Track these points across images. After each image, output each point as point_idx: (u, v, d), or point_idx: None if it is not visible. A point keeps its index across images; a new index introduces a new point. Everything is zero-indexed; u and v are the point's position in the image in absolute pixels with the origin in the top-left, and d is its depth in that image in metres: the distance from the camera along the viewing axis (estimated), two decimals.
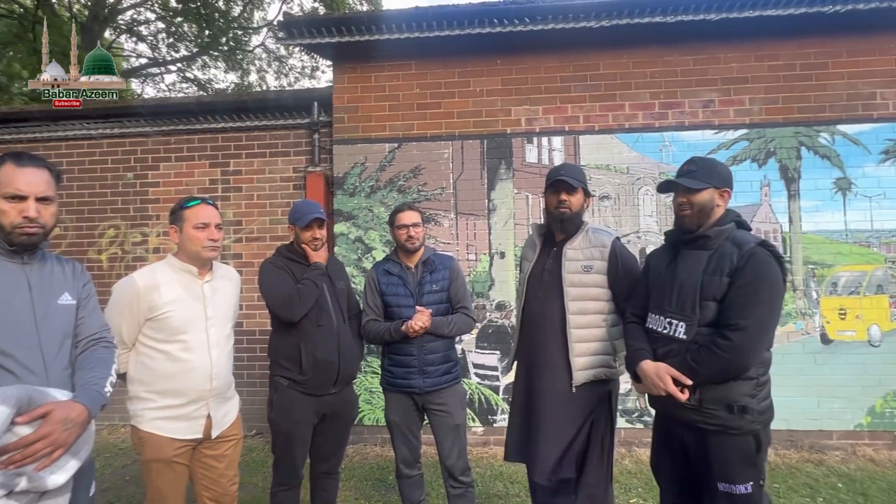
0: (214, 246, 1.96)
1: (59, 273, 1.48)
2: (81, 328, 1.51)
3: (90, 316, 1.53)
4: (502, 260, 4.16)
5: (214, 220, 1.97)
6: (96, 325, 1.54)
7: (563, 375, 2.13)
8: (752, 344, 1.64)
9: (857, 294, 3.91)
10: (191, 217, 1.94)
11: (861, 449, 3.79)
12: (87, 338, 1.51)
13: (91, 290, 1.57)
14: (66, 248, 4.68)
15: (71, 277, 1.51)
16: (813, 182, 3.97)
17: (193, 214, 1.94)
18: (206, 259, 1.99)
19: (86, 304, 1.53)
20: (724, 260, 1.72)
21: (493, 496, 3.21)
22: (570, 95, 4.16)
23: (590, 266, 2.15)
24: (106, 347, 1.54)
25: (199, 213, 1.95)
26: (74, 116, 4.64)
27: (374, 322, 2.52)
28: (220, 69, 13.83)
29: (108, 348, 1.54)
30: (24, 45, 9.70)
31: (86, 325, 1.51)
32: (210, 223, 1.95)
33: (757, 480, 1.68)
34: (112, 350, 1.56)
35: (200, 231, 1.93)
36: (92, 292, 1.57)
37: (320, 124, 4.43)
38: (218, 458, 1.99)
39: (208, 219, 1.95)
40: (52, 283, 1.45)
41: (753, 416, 1.68)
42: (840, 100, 3.95)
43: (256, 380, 4.38)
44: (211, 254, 1.97)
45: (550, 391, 2.16)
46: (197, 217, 1.94)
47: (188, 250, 1.96)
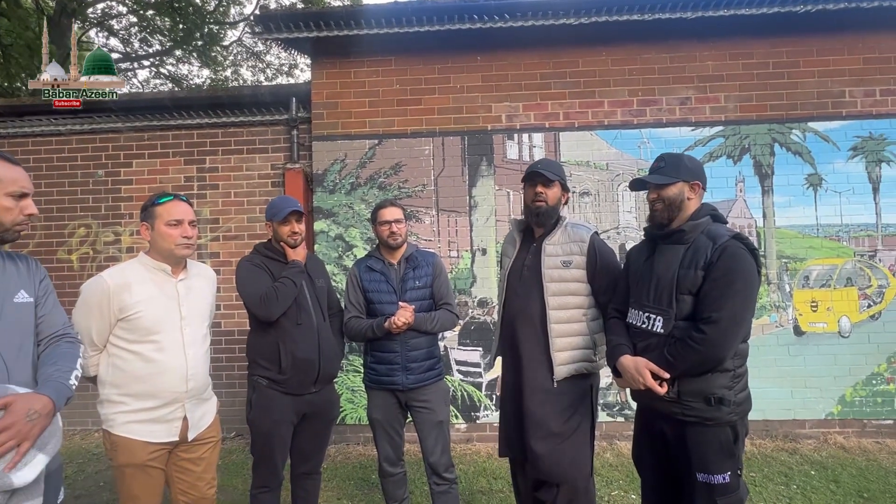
0: (188, 244, 1.90)
1: (12, 270, 1.42)
2: (42, 326, 1.45)
3: (51, 313, 1.47)
4: (484, 257, 4.16)
5: (188, 216, 1.91)
6: (58, 322, 1.49)
7: (545, 370, 2.14)
8: (727, 336, 1.67)
9: (828, 287, 4.03)
10: (163, 214, 1.88)
11: (832, 437, 3.91)
12: (49, 336, 1.46)
13: (49, 287, 1.51)
14: (34, 247, 4.52)
15: (26, 274, 1.45)
16: (786, 178, 4.07)
17: (166, 211, 1.88)
18: (180, 257, 1.92)
19: (44, 301, 1.47)
20: (699, 253, 1.74)
21: (476, 492, 3.22)
22: (550, 92, 4.17)
23: (569, 261, 2.16)
24: (70, 343, 1.48)
25: (172, 209, 1.88)
26: (41, 112, 4.48)
27: (356, 319, 2.49)
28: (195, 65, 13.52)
29: (71, 343, 1.49)
30: None
31: (47, 322, 1.46)
32: (183, 220, 1.89)
33: (735, 470, 1.72)
34: (76, 345, 1.50)
35: (173, 228, 1.87)
36: (50, 289, 1.52)
37: (299, 120, 4.36)
38: (195, 462, 1.93)
39: (181, 215, 1.89)
40: (6, 281, 1.39)
41: (731, 407, 1.71)
42: (811, 97, 4.06)
43: (236, 380, 4.30)
44: (185, 251, 1.91)
45: (532, 386, 2.16)
46: (170, 214, 1.87)
47: (161, 248, 1.90)
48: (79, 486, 3.43)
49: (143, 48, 12.55)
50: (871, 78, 4.02)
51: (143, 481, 1.82)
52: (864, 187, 4.03)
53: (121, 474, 1.82)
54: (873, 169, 4.03)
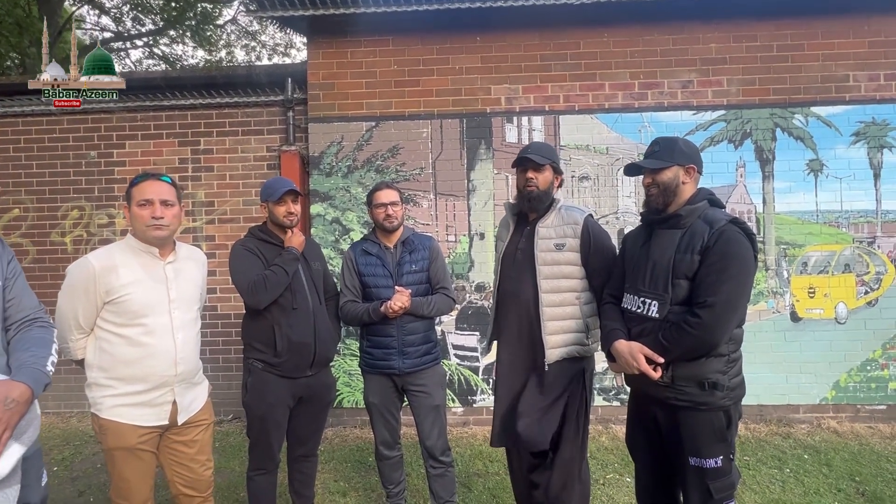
0: (158, 224, 1.80)
1: None
2: (11, 311, 1.39)
3: (20, 297, 1.41)
4: (482, 241, 4.13)
5: (160, 195, 1.81)
6: (28, 305, 1.43)
7: (536, 353, 2.13)
8: (721, 321, 1.66)
9: (826, 273, 4.02)
10: (135, 194, 1.81)
11: (826, 422, 3.94)
12: (19, 321, 1.40)
13: (17, 269, 1.45)
14: (26, 230, 4.48)
15: None
16: (787, 163, 4.03)
17: (138, 191, 1.81)
18: (153, 239, 1.83)
19: (13, 283, 1.41)
20: (696, 238, 1.72)
21: (472, 475, 3.24)
22: (550, 74, 4.10)
23: (562, 244, 2.14)
24: (42, 327, 1.42)
25: (143, 189, 1.81)
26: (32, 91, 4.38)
27: (352, 303, 2.47)
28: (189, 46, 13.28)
29: (44, 328, 1.43)
30: None
31: (15, 306, 1.40)
32: (153, 199, 1.79)
33: (727, 454, 1.72)
34: (49, 330, 1.45)
35: (143, 209, 1.79)
36: (19, 271, 1.45)
37: (295, 101, 4.29)
38: (187, 444, 1.92)
39: (151, 194, 1.80)
40: None
41: (724, 392, 1.70)
42: (814, 81, 4.00)
43: (231, 364, 4.31)
44: (156, 233, 1.81)
45: (524, 369, 2.17)
46: (141, 194, 1.80)
47: (136, 230, 1.84)
48: (75, 469, 3.44)
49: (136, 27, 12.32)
50: (875, 62, 3.96)
51: (134, 464, 1.81)
52: (866, 173, 4.00)
53: (111, 457, 1.81)
54: (875, 155, 3.99)
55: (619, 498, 2.96)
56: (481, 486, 3.10)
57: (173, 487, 1.96)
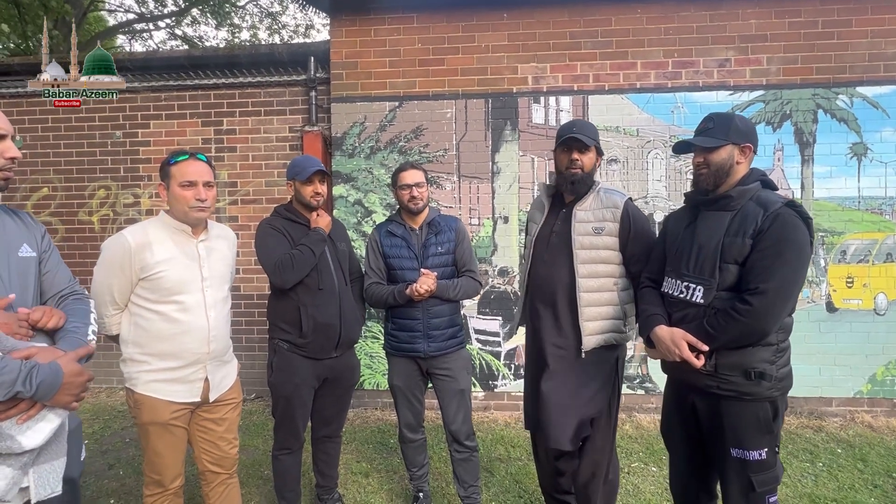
0: (202, 206, 1.80)
1: (12, 225, 1.35)
2: (46, 285, 1.38)
3: (55, 271, 1.40)
4: (506, 225, 4.05)
5: (203, 177, 1.80)
6: (63, 279, 1.42)
7: (572, 341, 2.07)
8: (774, 309, 1.57)
9: (866, 262, 3.85)
10: (176, 174, 1.78)
11: (860, 416, 3.81)
12: (55, 294, 1.39)
13: (50, 242, 1.44)
14: (55, 209, 4.55)
15: (25, 229, 1.38)
16: (828, 147, 3.84)
17: (179, 171, 1.78)
18: (194, 220, 1.84)
19: (48, 257, 1.40)
20: (748, 221, 1.62)
21: (494, 460, 3.22)
22: (579, 53, 3.96)
23: (601, 228, 2.05)
24: (78, 299, 1.41)
25: (186, 169, 1.78)
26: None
27: (376, 285, 2.43)
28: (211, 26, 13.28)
29: (80, 300, 1.42)
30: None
31: (50, 281, 1.39)
32: (197, 181, 1.78)
33: (772, 447, 1.64)
34: (86, 301, 1.44)
35: (186, 189, 1.77)
36: (52, 245, 1.44)
37: (317, 81, 4.23)
38: (217, 422, 1.93)
39: (195, 176, 1.78)
40: (8, 236, 1.32)
41: (771, 382, 1.62)
42: (861, 60, 3.78)
43: (255, 343, 4.35)
44: (199, 214, 1.81)
45: (558, 356, 2.10)
46: (183, 174, 1.78)
47: (176, 210, 1.82)
48: (105, 442, 3.52)
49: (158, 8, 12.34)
50: None
51: (167, 439, 1.81)
52: None
53: (144, 432, 1.82)
54: None
55: (644, 487, 2.91)
56: (504, 470, 3.08)
57: (200, 464, 1.97)
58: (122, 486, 2.93)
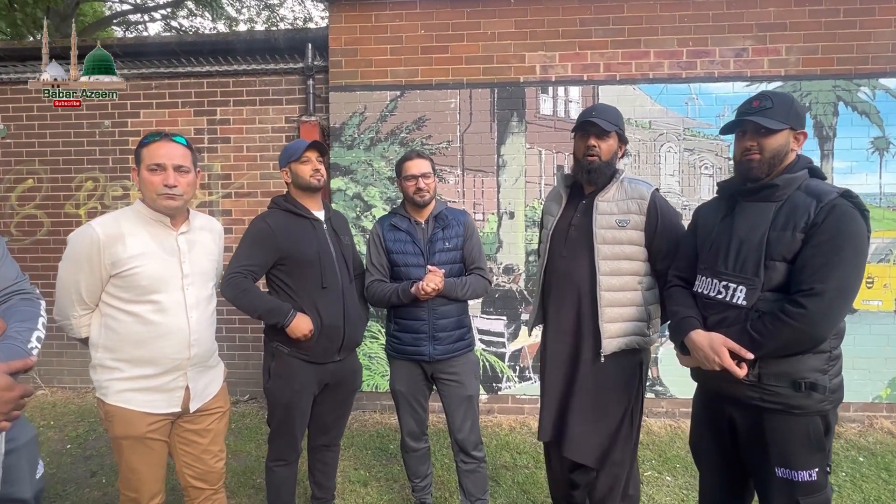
0: (170, 194, 1.58)
1: None
2: None
3: (0, 266, 1.23)
4: (511, 220, 3.88)
5: (174, 160, 1.59)
6: (9, 276, 1.24)
7: (591, 343, 1.90)
8: (831, 312, 1.40)
9: (887, 262, 3.69)
10: (146, 157, 1.59)
11: (879, 421, 3.66)
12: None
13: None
14: (40, 201, 4.35)
15: None
16: (848, 141, 3.68)
17: (149, 153, 1.58)
18: (164, 209, 1.62)
19: None
20: (798, 213, 1.45)
21: (500, 467, 3.05)
22: (589, 41, 3.78)
23: (625, 221, 1.89)
24: (25, 299, 1.24)
25: (154, 151, 1.58)
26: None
27: (379, 283, 2.25)
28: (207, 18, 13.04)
29: (28, 300, 1.24)
30: None
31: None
32: (167, 164, 1.58)
33: (823, 467, 1.47)
34: (35, 302, 1.26)
35: (154, 174, 1.57)
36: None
37: (315, 69, 4.04)
38: (200, 433, 1.74)
39: (164, 159, 1.57)
40: None
41: (824, 394, 1.45)
42: (885, 50, 3.62)
43: (248, 343, 4.16)
44: (167, 203, 1.60)
45: (576, 360, 1.93)
46: (151, 157, 1.58)
47: (146, 197, 1.62)
48: (89, 447, 3.34)
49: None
50: None
51: (143, 454, 1.62)
52: None
53: (118, 446, 1.63)
54: None
55: (660, 499, 2.74)
56: (510, 479, 2.91)
57: (182, 479, 1.79)
58: (105, 496, 2.75)
